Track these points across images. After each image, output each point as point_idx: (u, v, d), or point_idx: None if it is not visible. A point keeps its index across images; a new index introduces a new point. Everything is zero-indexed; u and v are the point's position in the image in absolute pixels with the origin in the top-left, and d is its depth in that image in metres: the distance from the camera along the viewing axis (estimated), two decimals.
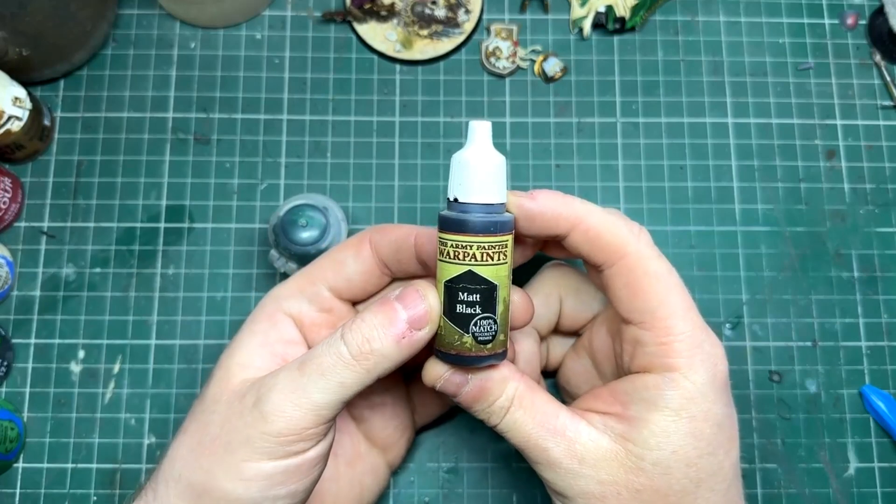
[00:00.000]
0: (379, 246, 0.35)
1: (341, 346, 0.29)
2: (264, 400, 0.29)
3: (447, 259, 0.30)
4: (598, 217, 0.31)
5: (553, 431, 0.31)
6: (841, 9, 0.50)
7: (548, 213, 0.31)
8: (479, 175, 0.30)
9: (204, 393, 0.32)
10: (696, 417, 0.30)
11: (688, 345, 0.30)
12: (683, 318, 0.30)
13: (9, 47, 0.43)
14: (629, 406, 0.31)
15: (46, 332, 0.44)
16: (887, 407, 0.43)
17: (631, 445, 0.30)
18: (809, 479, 0.44)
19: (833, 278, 0.46)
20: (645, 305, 0.31)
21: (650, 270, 0.31)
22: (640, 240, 0.31)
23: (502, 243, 0.30)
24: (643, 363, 0.31)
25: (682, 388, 0.30)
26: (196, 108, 0.48)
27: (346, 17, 0.48)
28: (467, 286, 0.30)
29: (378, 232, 0.35)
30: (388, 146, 0.47)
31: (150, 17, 0.49)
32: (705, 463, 0.30)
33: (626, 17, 0.48)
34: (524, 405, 0.31)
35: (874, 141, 0.48)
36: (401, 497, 0.43)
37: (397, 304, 0.30)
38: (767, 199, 0.47)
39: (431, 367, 0.32)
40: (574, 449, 0.30)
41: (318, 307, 0.35)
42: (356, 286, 0.35)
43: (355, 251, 0.35)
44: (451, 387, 0.31)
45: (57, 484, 0.42)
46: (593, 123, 0.48)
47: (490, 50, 0.49)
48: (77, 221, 0.46)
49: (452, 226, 0.30)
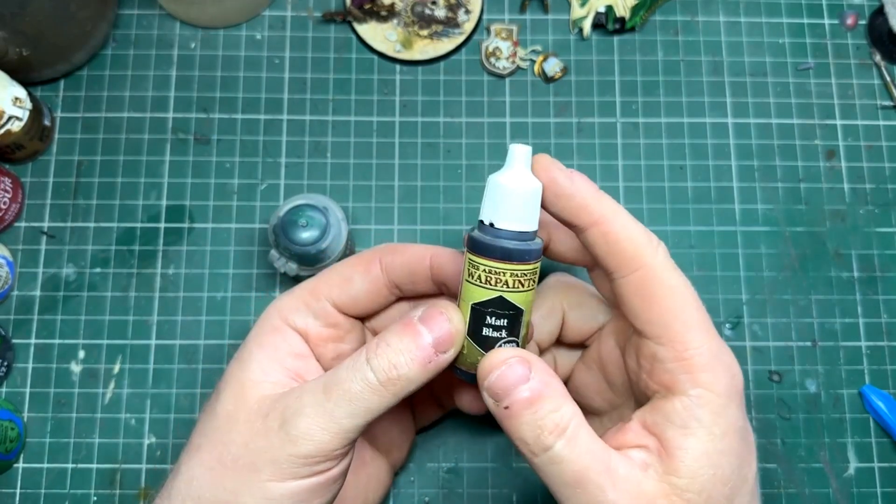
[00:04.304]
0: (391, 268, 0.34)
1: (368, 372, 0.29)
2: (291, 423, 0.29)
3: (477, 283, 0.30)
4: (622, 222, 0.30)
5: (607, 468, 0.28)
6: (841, 9, 0.50)
7: (577, 198, 0.30)
8: (519, 202, 0.29)
9: (215, 408, 0.31)
10: (726, 433, 0.29)
11: (708, 358, 0.29)
12: (700, 330, 0.29)
13: (9, 47, 0.43)
14: (663, 436, 0.29)
15: (46, 332, 0.44)
16: (887, 407, 0.43)
17: (675, 479, 0.28)
18: (809, 479, 0.44)
19: (833, 278, 0.46)
20: (661, 319, 0.30)
21: (666, 283, 0.30)
22: (656, 253, 0.30)
23: (533, 270, 0.30)
24: (664, 379, 0.30)
25: (711, 403, 0.29)
26: (196, 108, 0.48)
27: (346, 17, 0.48)
28: (496, 311, 0.30)
29: (390, 253, 0.34)
30: (388, 146, 0.47)
31: (150, 18, 0.49)
32: (736, 477, 0.29)
33: (626, 18, 0.48)
34: (581, 430, 0.28)
35: (874, 141, 0.48)
36: (401, 497, 0.43)
37: (422, 328, 0.29)
38: (767, 199, 0.47)
39: (497, 353, 0.30)
40: (627, 489, 0.28)
41: (323, 322, 0.34)
42: (361, 304, 0.35)
43: (364, 269, 0.34)
44: (512, 377, 0.29)
45: (57, 484, 0.42)
46: (593, 123, 0.48)
47: (490, 50, 0.49)
48: (77, 221, 0.46)
49: (487, 251, 0.29)
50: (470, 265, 0.30)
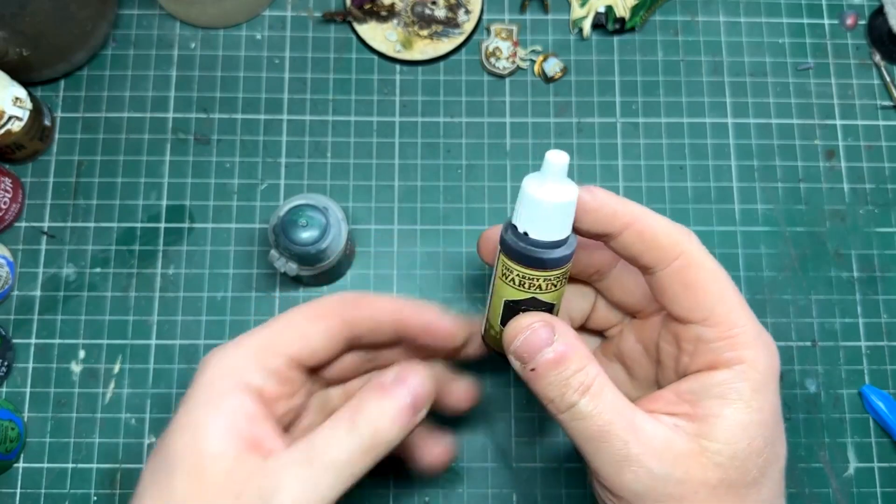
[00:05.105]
0: (355, 324, 0.33)
1: (354, 439, 0.29)
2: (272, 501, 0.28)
3: (511, 284, 0.31)
4: (653, 218, 0.31)
5: (632, 425, 0.29)
6: (841, 9, 0.50)
7: (605, 209, 0.30)
8: (555, 213, 0.30)
9: (171, 483, 0.29)
10: (763, 408, 0.29)
11: (752, 336, 0.30)
12: (742, 311, 0.30)
13: (9, 47, 0.43)
14: (698, 404, 0.30)
15: (47, 332, 0.44)
16: (887, 407, 0.43)
17: (706, 442, 0.29)
18: (809, 478, 0.44)
19: (833, 278, 0.46)
20: (705, 302, 0.30)
21: (707, 267, 0.31)
22: (691, 240, 0.31)
23: (565, 272, 0.31)
24: (708, 359, 0.30)
25: (751, 380, 0.29)
26: (196, 108, 0.48)
27: (347, 17, 0.48)
28: (529, 308, 0.31)
29: (354, 308, 0.33)
30: (388, 146, 0.47)
31: (150, 18, 0.49)
32: (769, 452, 0.29)
33: (626, 18, 0.49)
34: (605, 388, 0.29)
35: (874, 141, 0.48)
36: (401, 497, 0.43)
37: (400, 390, 0.30)
38: (767, 199, 0.47)
39: (519, 319, 0.30)
40: (653, 446, 0.28)
41: (276, 379, 0.32)
42: (318, 358, 0.33)
43: (326, 326, 0.33)
44: (536, 341, 0.30)
45: (57, 484, 0.42)
46: (593, 123, 0.48)
47: (490, 50, 0.49)
48: (77, 221, 0.46)
49: (523, 260, 0.30)
50: (504, 267, 0.31)
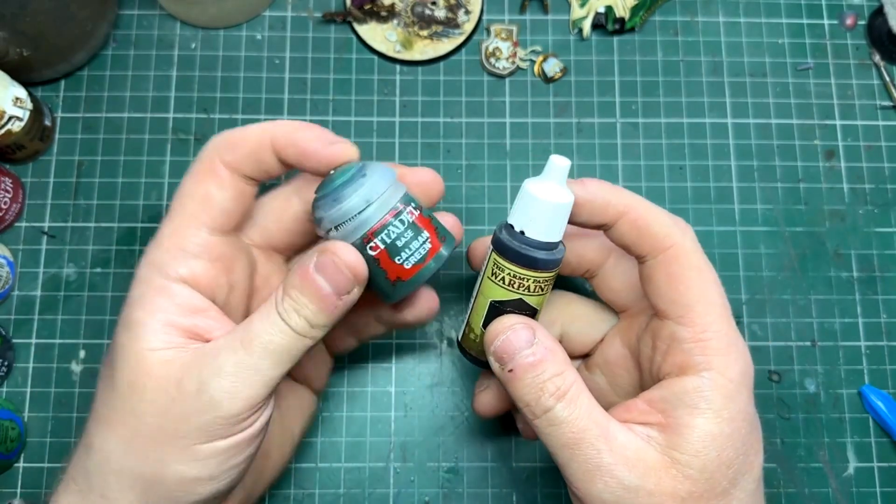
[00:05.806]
0: (236, 164, 0.32)
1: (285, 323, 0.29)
2: (213, 386, 0.28)
3: (500, 283, 0.31)
4: (646, 207, 0.31)
5: (606, 434, 0.29)
6: (840, 9, 0.50)
7: (598, 200, 0.31)
8: (552, 216, 0.31)
9: (113, 379, 0.30)
10: (734, 418, 0.29)
11: (725, 343, 0.30)
12: (720, 315, 0.30)
13: (9, 47, 0.43)
14: (670, 414, 0.29)
15: (47, 331, 0.44)
16: (887, 407, 0.44)
17: (677, 454, 0.29)
18: (809, 478, 0.44)
19: (832, 278, 0.46)
20: (684, 299, 0.30)
21: (693, 264, 0.31)
22: (685, 234, 0.31)
23: (553, 276, 0.32)
24: (678, 361, 0.30)
25: (721, 388, 0.29)
26: (197, 108, 0.48)
27: (347, 17, 0.48)
28: (514, 311, 0.32)
29: (228, 148, 0.32)
30: (388, 146, 0.47)
31: (150, 18, 0.49)
32: (740, 463, 0.29)
33: (626, 18, 0.49)
34: (581, 395, 0.29)
35: (873, 141, 0.48)
36: (401, 497, 0.43)
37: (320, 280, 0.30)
38: (767, 199, 0.47)
39: (502, 319, 0.31)
40: (625, 456, 0.28)
41: (206, 258, 0.31)
42: (234, 213, 0.32)
43: (216, 181, 0.32)
44: (516, 342, 0.30)
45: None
46: (593, 124, 0.48)
47: (490, 50, 0.49)
48: (78, 221, 0.46)
49: (516, 259, 0.31)
50: (495, 265, 0.31)
